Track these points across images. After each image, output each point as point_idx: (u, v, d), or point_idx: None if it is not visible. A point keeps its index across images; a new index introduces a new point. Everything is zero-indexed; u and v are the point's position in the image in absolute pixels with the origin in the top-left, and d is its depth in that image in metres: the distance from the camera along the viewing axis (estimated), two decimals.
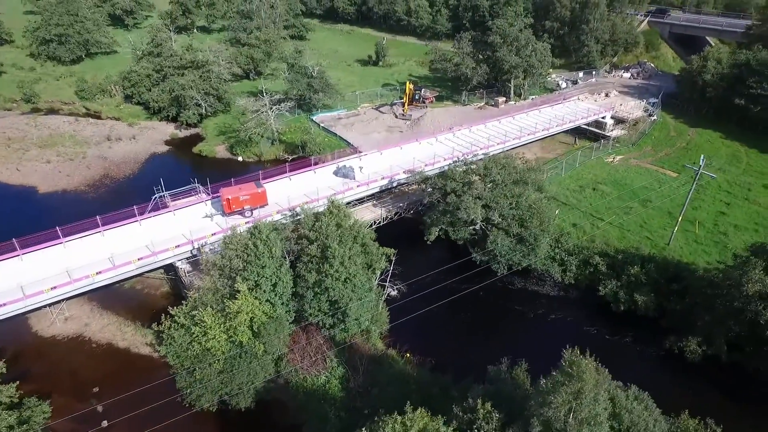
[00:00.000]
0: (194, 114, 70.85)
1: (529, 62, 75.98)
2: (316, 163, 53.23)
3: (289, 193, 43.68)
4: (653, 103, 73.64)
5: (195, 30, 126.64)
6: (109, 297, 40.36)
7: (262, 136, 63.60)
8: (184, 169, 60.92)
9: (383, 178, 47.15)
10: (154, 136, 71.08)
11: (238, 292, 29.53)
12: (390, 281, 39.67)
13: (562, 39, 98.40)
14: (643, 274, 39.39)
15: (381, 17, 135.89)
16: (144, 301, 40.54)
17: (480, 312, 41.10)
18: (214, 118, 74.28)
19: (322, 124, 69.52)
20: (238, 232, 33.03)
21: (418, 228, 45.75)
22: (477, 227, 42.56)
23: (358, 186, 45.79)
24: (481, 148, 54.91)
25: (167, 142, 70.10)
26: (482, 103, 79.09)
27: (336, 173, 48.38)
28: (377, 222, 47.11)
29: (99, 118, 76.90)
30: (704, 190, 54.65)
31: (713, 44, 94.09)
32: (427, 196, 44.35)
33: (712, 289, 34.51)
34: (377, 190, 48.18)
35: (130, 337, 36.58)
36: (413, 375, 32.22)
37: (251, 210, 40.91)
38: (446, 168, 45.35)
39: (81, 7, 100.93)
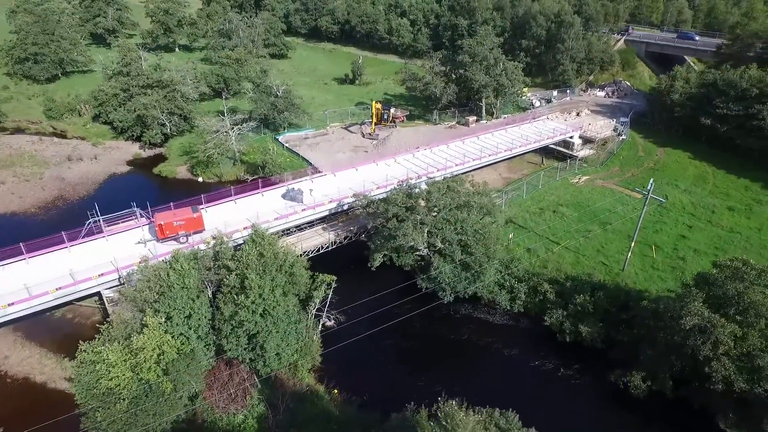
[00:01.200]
0: (157, 134, 69.95)
1: (499, 81, 75.35)
2: (275, 183, 52.26)
3: (233, 218, 42.44)
4: (624, 122, 72.78)
5: (177, 49, 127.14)
6: (36, 326, 38.73)
7: (222, 155, 62.52)
8: (141, 191, 59.62)
9: (331, 202, 45.84)
10: (116, 156, 70.05)
11: (146, 326, 27.97)
12: (328, 310, 38.09)
13: (538, 57, 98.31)
14: (590, 303, 37.83)
15: (364, 36, 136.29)
16: (72, 331, 38.79)
17: (423, 342, 39.46)
18: (180, 137, 73.32)
19: (286, 144, 68.53)
20: (150, 262, 31.55)
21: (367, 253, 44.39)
22: (422, 253, 41.11)
23: (303, 210, 44.44)
24: (438, 170, 53.81)
25: (129, 162, 69.05)
26: (453, 123, 78.26)
27: (284, 196, 47.10)
28: (325, 247, 45.65)
29: (65, 137, 76.03)
30: (667, 212, 53.37)
31: (692, 63, 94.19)
32: (371, 220, 42.97)
33: (655, 320, 32.89)
34: (326, 213, 46.81)
35: (49, 370, 34.88)
36: (336, 413, 30.47)
37: (186, 236, 39.51)
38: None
39: (58, 26, 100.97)
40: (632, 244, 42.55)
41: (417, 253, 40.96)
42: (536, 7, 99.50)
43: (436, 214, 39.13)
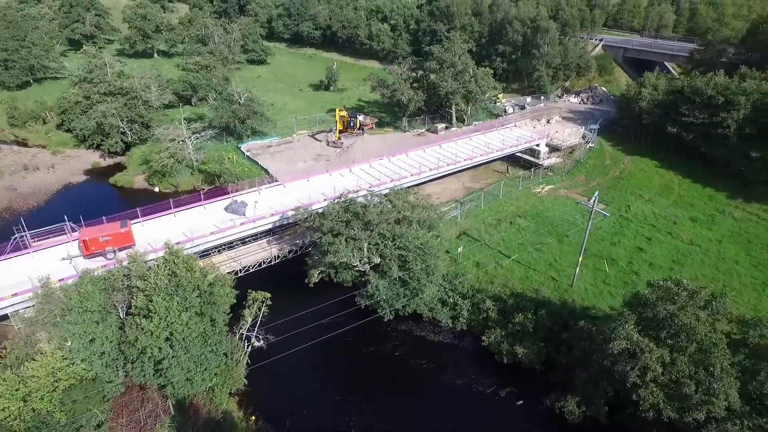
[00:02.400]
0: (117, 142, 68.59)
1: (468, 88, 73.98)
2: (223, 194, 50.91)
3: (170, 233, 40.96)
4: (593, 129, 71.38)
5: (156, 54, 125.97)
6: None
7: (179, 165, 61.14)
8: (93, 202, 58.25)
9: (273, 215, 44.37)
10: (75, 165, 68.67)
11: (41, 353, 26.43)
12: (258, 329, 36.51)
13: (515, 63, 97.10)
14: (531, 322, 36.28)
15: (345, 41, 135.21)
16: None
17: (359, 362, 37.93)
18: (143, 146, 71.86)
19: (247, 153, 67.11)
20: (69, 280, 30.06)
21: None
22: (362, 269, 39.61)
23: (242, 224, 42.94)
24: (392, 180, 52.39)
25: (87, 172, 67.68)
26: (422, 130, 76.87)
27: (227, 209, 45.60)
28: (267, 261, 44.14)
29: (26, 145, 74.74)
30: (629, 223, 51.95)
31: (672, 69, 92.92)
32: (309, 235, 41.51)
33: (589, 342, 31.35)
34: (270, 226, 45.32)
35: None
36: None
37: (114, 251, 38.01)
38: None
39: (34, 32, 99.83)
40: (580, 259, 41.03)
41: (356, 268, 39.44)
42: (513, 13, 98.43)
43: (372, 229, 37.57)
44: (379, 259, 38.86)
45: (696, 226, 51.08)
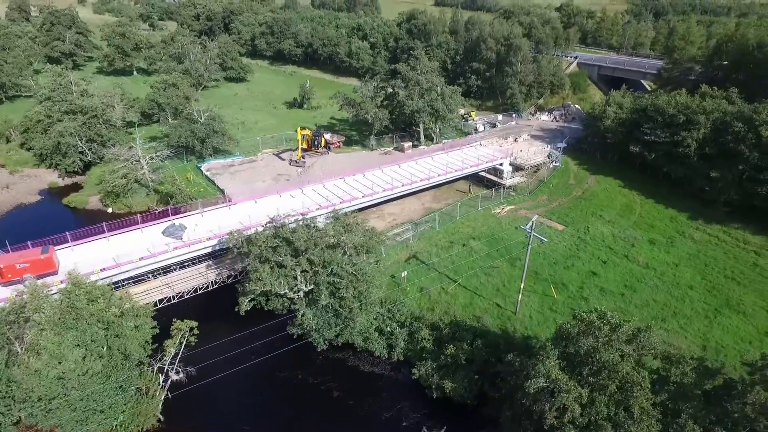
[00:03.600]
0: (74, 162, 67.42)
1: (434, 106, 73.15)
2: (181, 212, 49.77)
3: (101, 257, 39.56)
4: (560, 147, 70.37)
5: (135, 72, 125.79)
6: None
7: (135, 183, 59.91)
8: (43, 223, 56.69)
9: (210, 239, 42.89)
10: (31, 185, 67.40)
11: None
12: (179, 361, 34.75)
13: (489, 81, 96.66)
14: (465, 353, 34.56)
15: (326, 59, 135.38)
16: None
17: (287, 395, 36.13)
18: (104, 165, 70.61)
19: (207, 173, 65.97)
20: None
21: None
22: (293, 297, 38.01)
23: (175, 249, 41.43)
24: (342, 202, 51.08)
25: (43, 192, 66.42)
26: (390, 148, 75.84)
27: (164, 232, 44.16)
28: (203, 288, 42.51)
29: None
30: (586, 245, 50.49)
31: (648, 86, 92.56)
32: (239, 261, 40.01)
33: (514, 378, 29.65)
34: (209, 250, 43.80)
35: None
36: None
37: (35, 279, 36.39)
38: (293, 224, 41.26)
39: (10, 52, 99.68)
40: (522, 285, 39.48)
41: (286, 297, 37.84)
42: (487, 31, 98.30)
43: (301, 255, 36.07)
44: (312, 287, 37.31)
45: (654, 248, 49.62)
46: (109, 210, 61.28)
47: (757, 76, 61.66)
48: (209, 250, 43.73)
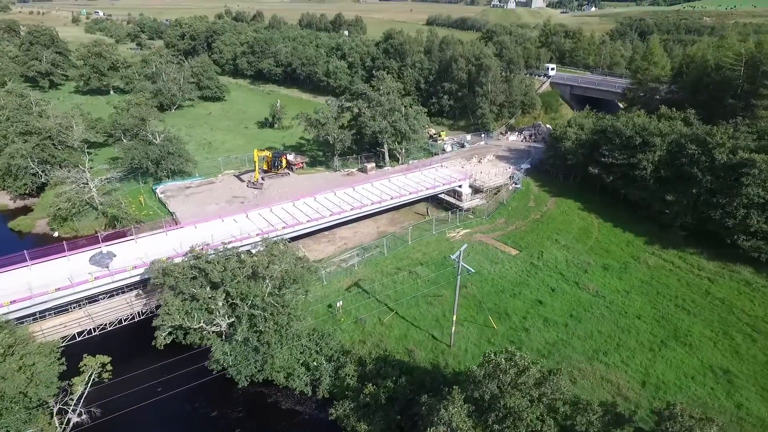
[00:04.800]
0: (24, 185, 65.91)
1: (396, 127, 72.11)
2: (111, 238, 47.98)
3: (17, 287, 37.76)
4: (524, 169, 69.18)
5: (112, 91, 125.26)
6: None
7: (85, 206, 58.38)
8: None
9: (135, 268, 41.12)
10: None
11: None
12: (86, 401, 32.69)
13: (461, 100, 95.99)
14: (387, 391, 32.58)
15: (306, 78, 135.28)
16: None
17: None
18: (55, 188, 69.13)
19: (161, 195, 64.52)
20: None
21: None
22: (215, 330, 36.16)
23: (96, 278, 39.64)
24: (284, 227, 49.53)
25: None
26: (352, 169, 74.57)
27: (91, 260, 42.45)
28: (128, 319, 40.59)
29: None
30: (537, 272, 48.79)
31: (621, 106, 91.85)
32: (157, 293, 38.22)
33: (422, 422, 27.65)
34: (137, 279, 41.98)
35: None
36: None
37: None
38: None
39: None
40: (454, 318, 37.65)
41: (204, 331, 35.97)
42: (459, 50, 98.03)
43: (219, 287, 34.34)
44: (233, 320, 35.51)
45: (607, 274, 47.91)
46: (55, 234, 59.55)
47: (715, 97, 60.76)
48: (137, 279, 41.91)
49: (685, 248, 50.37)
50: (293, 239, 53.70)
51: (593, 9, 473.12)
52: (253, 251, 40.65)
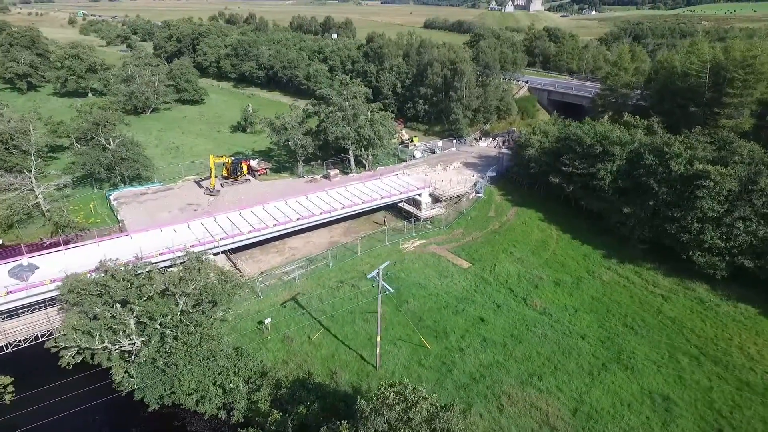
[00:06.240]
0: None
1: (360, 133, 70.21)
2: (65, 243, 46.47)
3: None
4: (488, 177, 67.12)
5: (90, 93, 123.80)
6: None
7: (21, 216, 56.62)
8: None
9: (53, 281, 39.16)
10: None
11: None
12: None
13: (437, 105, 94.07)
14: (296, 418, 30.57)
15: (287, 81, 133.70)
16: None
17: None
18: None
19: (114, 201, 62.80)
20: None
21: None
22: (123, 349, 34.25)
23: (9, 293, 37.79)
24: (223, 238, 47.64)
25: None
26: (316, 176, 72.67)
27: (10, 273, 40.65)
28: (46, 334, 38.65)
29: None
30: (486, 286, 46.75)
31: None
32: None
33: None
34: (53, 294, 40.02)
35: None
36: None
37: None
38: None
39: None
40: (378, 339, 35.61)
41: (115, 349, 34.07)
42: (434, 54, 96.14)
43: (124, 304, 32.45)
44: (144, 339, 33.60)
45: (558, 290, 45.79)
46: None
47: (680, 105, 58.54)
48: (56, 293, 40.00)
49: (642, 263, 48.20)
50: (237, 250, 51.96)
51: (593, 12, 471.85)
52: (178, 265, 38.75)
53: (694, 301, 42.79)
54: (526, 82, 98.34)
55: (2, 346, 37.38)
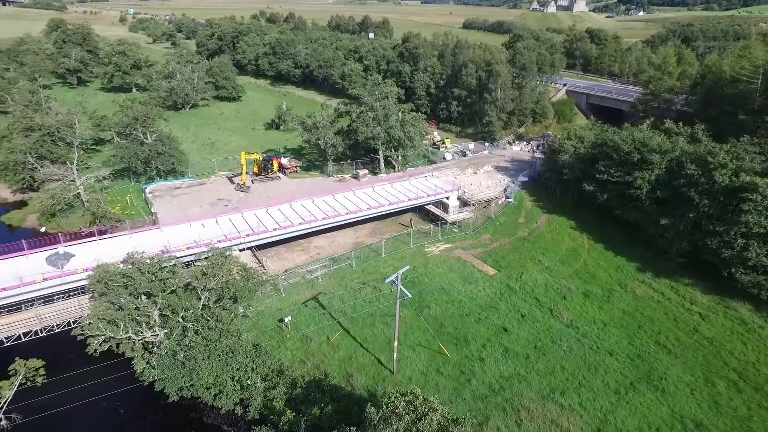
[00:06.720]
0: (22, 179, 67.60)
1: (391, 134, 69.81)
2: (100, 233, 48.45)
3: None
4: (520, 182, 65.44)
5: (134, 89, 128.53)
6: None
7: (62, 205, 59.14)
8: None
9: (86, 270, 40.56)
10: None
11: None
12: (4, 408, 32.15)
13: (470, 107, 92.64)
14: (310, 419, 30.45)
15: (322, 80, 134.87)
16: None
17: None
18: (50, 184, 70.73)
19: (150, 194, 64.76)
20: None
21: None
22: (148, 340, 35.10)
23: (45, 279, 39.42)
24: (249, 234, 48.20)
25: None
26: (345, 175, 72.78)
27: (47, 260, 42.43)
28: (78, 321, 40.12)
29: None
30: (511, 295, 45.50)
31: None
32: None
33: None
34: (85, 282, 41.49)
35: None
36: None
37: None
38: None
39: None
40: (395, 344, 35.07)
41: (140, 340, 34.96)
42: (469, 55, 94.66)
43: (149, 297, 33.23)
44: (166, 331, 34.33)
45: (587, 302, 44.00)
46: (42, 229, 60.53)
47: (728, 112, 55.17)
48: (86, 282, 41.43)
49: (679, 278, 45.71)
50: (263, 246, 52.53)
51: (641, 13, 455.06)
52: (202, 260, 39.39)
53: (735, 321, 40.21)
54: (564, 84, 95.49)
55: (37, 330, 39.04)
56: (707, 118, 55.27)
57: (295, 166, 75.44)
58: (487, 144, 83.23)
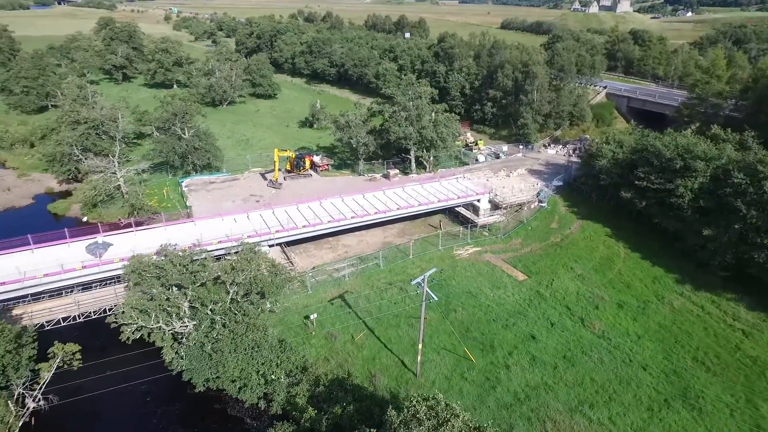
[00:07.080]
0: (68, 170, 70.59)
1: (423, 134, 69.33)
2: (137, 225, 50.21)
3: (17, 269, 40.06)
4: (554, 186, 63.77)
5: (175, 85, 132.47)
6: None
7: (104, 197, 61.48)
8: (9, 228, 59.07)
9: (121, 260, 41.94)
10: (30, 188, 71.55)
11: None
12: (48, 388, 33.60)
13: (505, 108, 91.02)
14: (331, 418, 30.50)
15: (357, 79, 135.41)
16: None
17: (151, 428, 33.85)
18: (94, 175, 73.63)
19: (185, 188, 66.56)
20: None
21: None
22: (178, 331, 35.97)
23: (84, 267, 40.98)
24: (279, 231, 48.75)
25: (38, 196, 70.06)
26: (375, 175, 72.75)
27: (87, 249, 44.13)
28: (113, 308, 41.56)
29: (4, 167, 79.19)
30: (540, 301, 44.41)
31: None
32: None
33: None
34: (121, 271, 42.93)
35: None
36: None
37: None
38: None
39: (50, 63, 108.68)
40: (420, 346, 34.69)
41: (168, 330, 35.85)
42: (506, 56, 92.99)
43: (180, 288, 34.04)
44: (196, 323, 35.10)
45: (620, 313, 42.44)
46: (84, 219, 63.11)
47: None
48: (121, 272, 42.89)
49: (721, 292, 43.48)
50: (292, 243, 53.06)
51: (689, 14, 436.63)
52: (232, 255, 40.10)
53: None
54: (605, 87, 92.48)
55: (75, 315, 40.68)
56: (758, 124, 52.35)
57: (327, 164, 75.90)
58: (521, 146, 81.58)
